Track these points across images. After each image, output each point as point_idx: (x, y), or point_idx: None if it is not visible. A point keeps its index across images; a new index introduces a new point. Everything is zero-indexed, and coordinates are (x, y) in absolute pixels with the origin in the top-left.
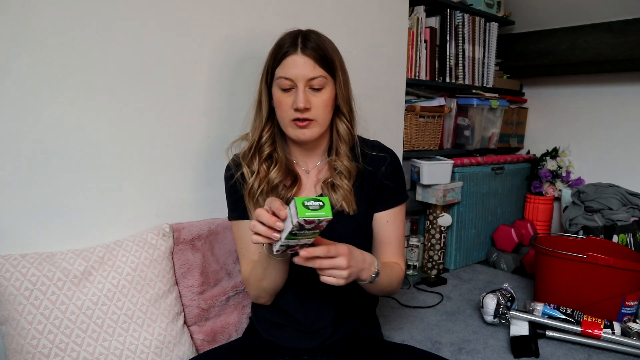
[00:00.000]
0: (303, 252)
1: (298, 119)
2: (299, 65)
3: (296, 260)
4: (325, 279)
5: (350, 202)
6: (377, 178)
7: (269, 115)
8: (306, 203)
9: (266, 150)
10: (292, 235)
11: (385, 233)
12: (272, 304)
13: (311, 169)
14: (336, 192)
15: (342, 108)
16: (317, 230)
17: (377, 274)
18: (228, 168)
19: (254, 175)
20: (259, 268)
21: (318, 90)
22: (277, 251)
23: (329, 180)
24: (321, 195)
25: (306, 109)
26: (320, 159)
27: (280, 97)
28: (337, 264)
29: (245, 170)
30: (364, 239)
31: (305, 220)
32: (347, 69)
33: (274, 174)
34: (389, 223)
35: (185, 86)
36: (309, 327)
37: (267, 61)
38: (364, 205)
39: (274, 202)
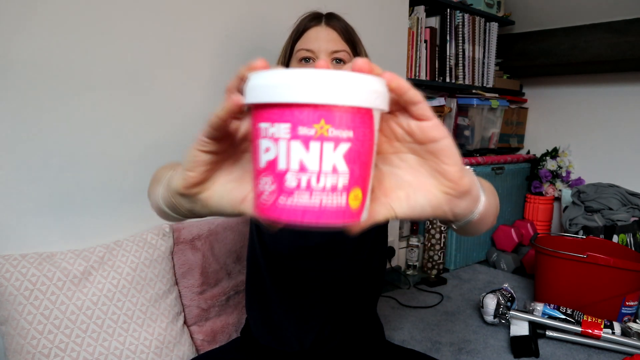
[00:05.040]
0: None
1: None
2: (321, 37)
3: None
4: None
5: None
6: None
7: None
8: None
9: None
10: None
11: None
12: (263, 317)
13: None
14: None
15: None
16: None
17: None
18: None
19: None
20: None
21: (342, 63)
22: None
23: None
24: None
25: None
26: None
27: None
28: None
29: None
30: (375, 252)
31: None
32: None
33: None
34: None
35: (185, 84)
36: (306, 333)
37: (286, 41)
38: None
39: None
